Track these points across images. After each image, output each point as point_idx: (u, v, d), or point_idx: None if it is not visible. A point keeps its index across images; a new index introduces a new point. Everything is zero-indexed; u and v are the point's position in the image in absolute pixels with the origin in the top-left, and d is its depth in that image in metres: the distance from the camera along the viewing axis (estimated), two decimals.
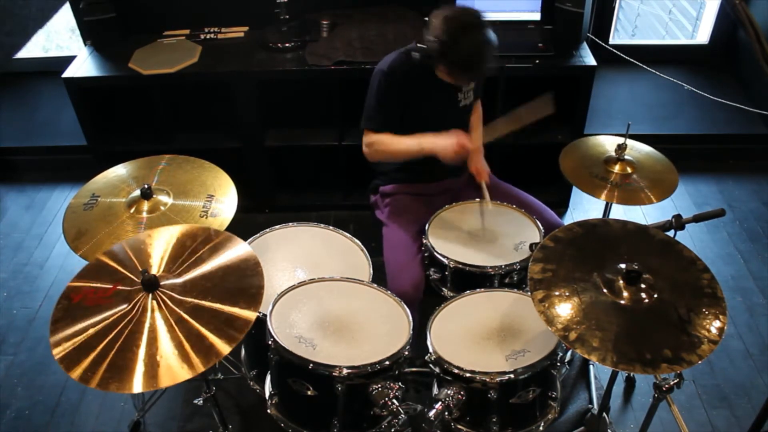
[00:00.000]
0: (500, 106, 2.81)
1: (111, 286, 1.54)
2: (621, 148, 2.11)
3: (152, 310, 1.49)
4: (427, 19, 1.99)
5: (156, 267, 1.61)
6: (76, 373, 1.38)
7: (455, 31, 1.90)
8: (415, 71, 2.09)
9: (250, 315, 1.49)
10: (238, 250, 1.66)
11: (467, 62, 1.95)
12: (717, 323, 1.49)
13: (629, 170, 2.11)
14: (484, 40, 1.92)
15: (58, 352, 1.42)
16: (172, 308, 1.50)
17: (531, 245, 1.99)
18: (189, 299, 1.52)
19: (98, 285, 1.56)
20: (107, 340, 1.44)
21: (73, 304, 1.50)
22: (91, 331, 1.46)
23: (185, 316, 1.48)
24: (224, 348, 1.42)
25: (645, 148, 2.21)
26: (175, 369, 1.38)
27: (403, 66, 2.09)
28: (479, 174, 2.24)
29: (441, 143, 2.03)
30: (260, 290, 1.55)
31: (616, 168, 2.11)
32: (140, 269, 1.54)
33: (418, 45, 2.02)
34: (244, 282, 1.57)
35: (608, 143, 2.22)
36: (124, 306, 1.50)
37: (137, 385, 1.36)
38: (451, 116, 2.22)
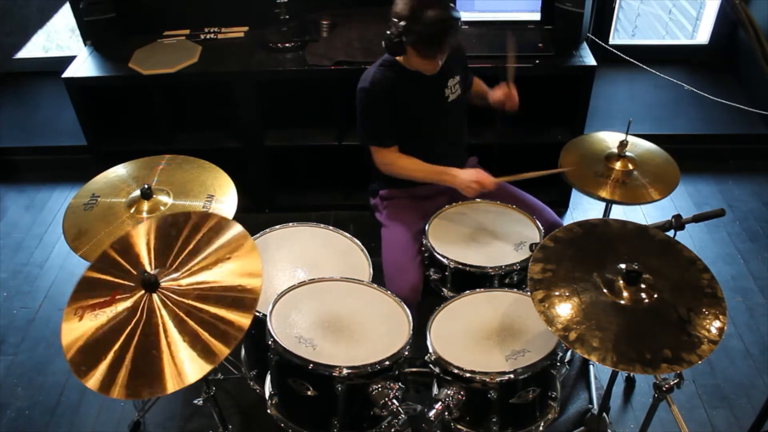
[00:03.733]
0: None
1: (109, 298, 1.52)
2: (623, 144, 2.10)
3: (159, 309, 1.48)
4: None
5: (147, 265, 1.60)
6: (95, 382, 1.37)
7: (416, 6, 1.93)
8: (397, 77, 2.11)
9: (256, 284, 1.48)
10: (223, 227, 1.64)
11: (431, 34, 1.95)
12: (717, 323, 1.49)
13: (630, 167, 2.11)
14: (445, 11, 1.94)
15: (89, 381, 1.39)
16: (178, 301, 1.48)
17: (531, 245, 1.99)
18: (192, 287, 1.50)
19: (95, 301, 1.53)
20: (121, 347, 1.42)
21: (79, 323, 1.48)
22: (106, 343, 1.44)
23: (194, 303, 1.47)
24: (242, 322, 1.42)
25: (646, 145, 2.21)
26: (199, 361, 1.38)
27: (384, 76, 2.11)
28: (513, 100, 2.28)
29: (461, 179, 2.07)
30: (257, 261, 1.54)
31: (618, 165, 2.11)
32: (137, 270, 1.53)
33: (386, 33, 2.03)
34: (239, 255, 1.56)
35: (609, 140, 2.22)
36: (129, 311, 1.49)
37: (170, 385, 1.35)
38: (440, 113, 2.23)
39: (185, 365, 1.38)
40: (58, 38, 4.00)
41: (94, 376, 1.38)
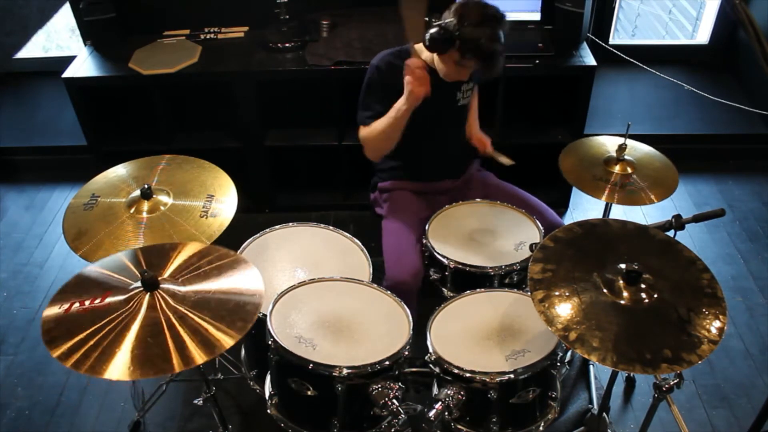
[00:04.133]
0: (500, 106, 2.81)
1: (101, 296, 1.53)
2: (621, 148, 2.11)
3: (146, 308, 1.49)
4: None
5: (160, 272, 1.60)
6: (58, 351, 1.40)
7: (479, 16, 1.91)
8: None
9: (229, 341, 1.46)
10: (246, 274, 1.63)
11: (484, 47, 1.92)
12: (717, 323, 1.49)
13: (629, 170, 2.11)
14: (501, 34, 1.93)
15: (47, 331, 1.43)
16: (164, 310, 1.49)
17: (531, 245, 1.99)
18: (181, 307, 1.51)
19: (90, 295, 1.54)
20: (97, 327, 1.45)
21: (66, 314, 1.49)
22: (84, 317, 1.47)
23: (173, 320, 1.48)
24: (198, 359, 1.41)
25: (645, 148, 2.21)
26: (151, 365, 1.39)
27: (397, 62, 2.08)
28: (482, 143, 2.26)
29: (406, 97, 1.97)
30: (251, 320, 1.52)
31: (617, 168, 2.11)
32: (142, 269, 1.54)
33: (434, 23, 1.98)
34: (239, 307, 1.55)
35: (608, 144, 2.22)
36: (122, 300, 1.50)
37: (111, 372, 1.37)
38: (448, 116, 2.22)
39: (140, 362, 1.39)
40: (58, 38, 3.99)
41: (71, 356, 1.40)
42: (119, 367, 1.38)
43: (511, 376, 1.69)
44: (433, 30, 1.95)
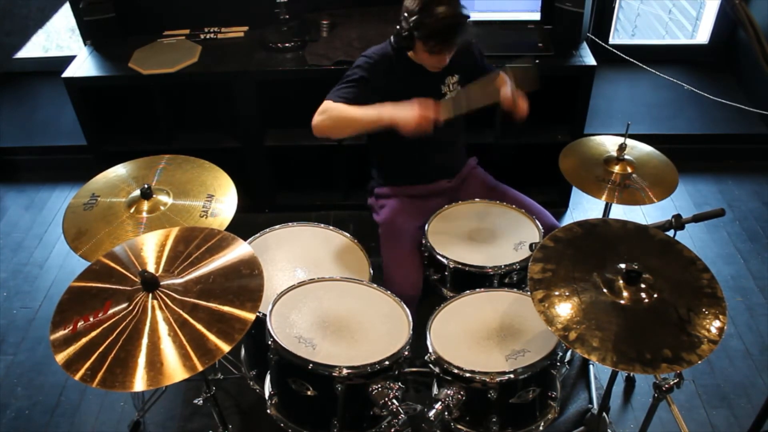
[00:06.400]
0: (500, 106, 2.80)
1: (103, 308, 1.52)
2: (621, 148, 2.11)
3: (152, 310, 1.49)
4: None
5: (154, 268, 1.61)
6: (79, 374, 1.38)
7: (428, 1, 1.92)
8: (398, 63, 2.10)
9: (249, 315, 1.49)
10: (238, 250, 1.66)
11: (441, 29, 1.93)
12: (717, 323, 1.49)
13: (629, 170, 2.11)
14: (455, 9, 1.94)
15: (61, 356, 1.41)
16: (172, 308, 1.49)
17: (531, 245, 1.99)
18: (188, 299, 1.51)
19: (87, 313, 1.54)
20: (109, 340, 1.44)
21: (73, 334, 1.48)
22: (93, 333, 1.46)
23: (185, 315, 1.48)
24: (223, 347, 1.42)
25: (645, 148, 2.21)
26: (174, 368, 1.38)
27: (386, 55, 2.10)
28: (519, 106, 2.13)
29: (402, 114, 1.92)
30: (260, 289, 1.54)
31: (616, 168, 2.12)
32: (139, 270, 1.54)
33: (396, 27, 2.01)
34: (244, 282, 1.57)
35: (608, 143, 2.22)
36: (125, 306, 1.50)
37: (138, 384, 1.36)
38: None
39: (160, 368, 1.38)
40: (58, 38, 4.00)
41: (95, 376, 1.39)
42: (146, 377, 1.37)
43: (511, 376, 1.69)
44: (395, 30, 1.99)
